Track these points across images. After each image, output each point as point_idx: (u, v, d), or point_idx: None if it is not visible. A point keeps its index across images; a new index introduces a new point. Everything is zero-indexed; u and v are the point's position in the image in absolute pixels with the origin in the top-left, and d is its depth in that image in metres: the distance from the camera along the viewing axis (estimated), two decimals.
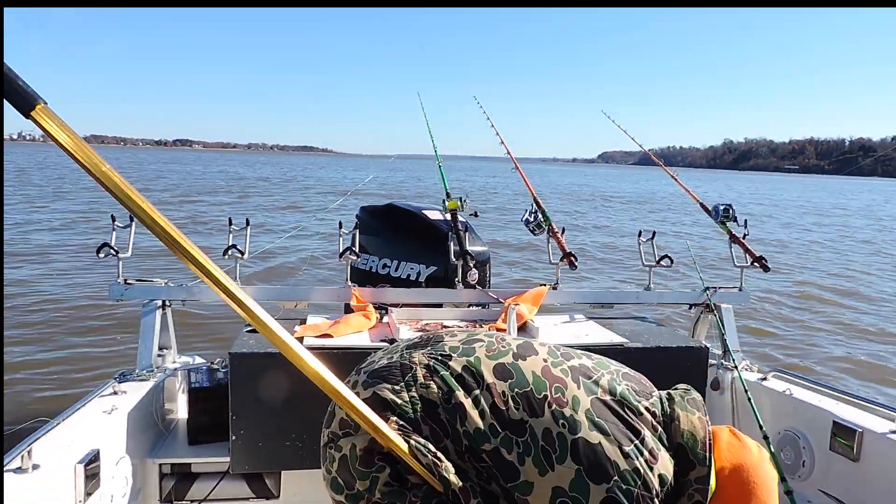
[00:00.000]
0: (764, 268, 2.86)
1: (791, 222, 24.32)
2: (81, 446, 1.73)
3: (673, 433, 1.17)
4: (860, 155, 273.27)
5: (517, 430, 1.12)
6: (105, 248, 2.38)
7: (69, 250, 10.31)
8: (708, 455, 1.16)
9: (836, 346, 7.03)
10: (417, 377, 1.18)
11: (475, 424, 1.12)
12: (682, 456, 1.15)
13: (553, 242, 2.81)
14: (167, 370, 2.45)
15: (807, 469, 2.25)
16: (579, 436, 1.11)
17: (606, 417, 1.14)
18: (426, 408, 1.15)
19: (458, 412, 1.13)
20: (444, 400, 1.15)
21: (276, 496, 2.26)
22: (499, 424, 1.12)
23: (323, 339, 2.16)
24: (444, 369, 1.18)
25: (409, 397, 1.16)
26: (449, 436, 1.14)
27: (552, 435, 1.11)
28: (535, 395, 1.15)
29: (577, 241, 13.70)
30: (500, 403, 1.14)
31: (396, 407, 1.15)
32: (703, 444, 1.16)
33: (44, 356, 5.39)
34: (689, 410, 1.20)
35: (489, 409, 1.13)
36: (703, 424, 1.19)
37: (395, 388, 1.17)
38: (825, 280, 11.19)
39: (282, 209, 19.81)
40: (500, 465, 1.11)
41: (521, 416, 1.13)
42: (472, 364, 1.19)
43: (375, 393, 1.17)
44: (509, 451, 1.11)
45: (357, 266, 2.83)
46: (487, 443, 1.12)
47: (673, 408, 1.20)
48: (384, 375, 1.20)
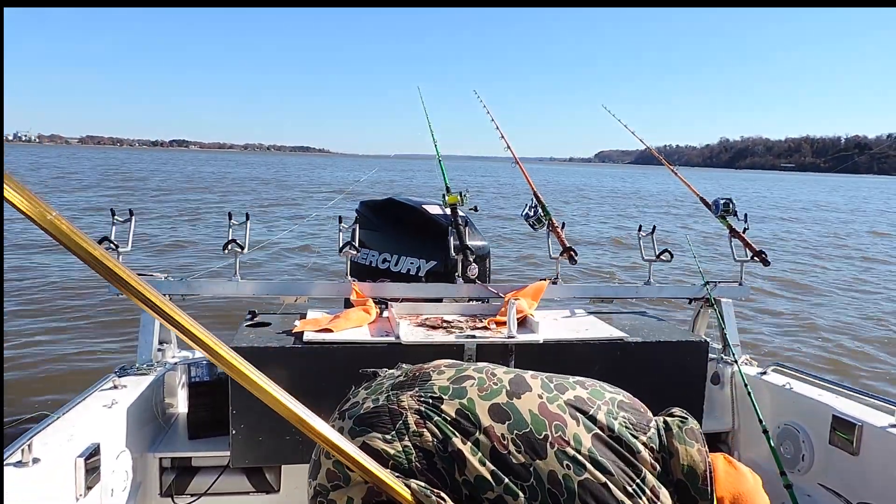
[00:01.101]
0: (764, 262, 2.86)
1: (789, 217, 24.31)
2: (82, 440, 1.74)
3: (672, 469, 1.14)
4: (855, 152, 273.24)
5: (521, 475, 1.07)
6: (105, 241, 2.38)
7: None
8: (710, 489, 1.13)
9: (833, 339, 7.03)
10: (409, 424, 1.11)
11: (476, 472, 1.07)
12: (683, 491, 1.13)
13: (553, 237, 2.81)
14: (167, 364, 2.45)
15: (806, 463, 2.25)
16: (585, 477, 1.07)
17: (607, 456, 1.10)
18: (422, 457, 1.08)
19: (457, 460, 1.08)
20: (439, 448, 1.08)
21: (277, 490, 2.27)
22: (501, 470, 1.07)
23: (323, 333, 2.15)
24: (437, 414, 1.12)
25: (402, 447, 1.08)
26: (448, 486, 1.07)
27: (558, 477, 1.07)
28: (536, 435, 1.10)
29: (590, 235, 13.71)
30: (501, 448, 1.08)
31: (390, 458, 1.07)
32: (704, 479, 1.13)
33: (44, 350, 5.39)
34: (687, 443, 1.16)
35: (489, 455, 1.08)
36: (702, 457, 1.15)
37: (387, 437, 1.09)
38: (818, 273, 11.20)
39: (263, 207, 19.78)
40: None
41: (523, 459, 1.08)
42: (465, 407, 1.13)
43: (366, 443, 1.09)
44: (515, 497, 1.06)
45: (357, 261, 2.82)
46: (491, 491, 1.06)
47: (671, 441, 1.16)
48: (373, 423, 1.12)
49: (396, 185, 33.10)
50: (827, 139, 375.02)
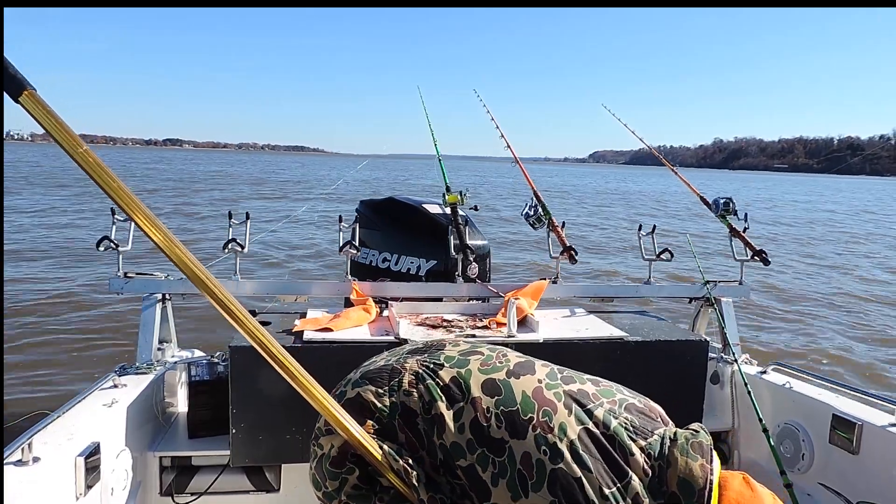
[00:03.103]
0: (764, 261, 2.86)
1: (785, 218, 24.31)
2: (82, 439, 1.74)
3: (668, 479, 1.07)
4: (848, 154, 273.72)
5: (495, 450, 1.08)
6: (105, 241, 2.38)
7: (69, 243, 10.32)
8: (706, 502, 1.05)
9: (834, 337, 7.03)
10: (402, 383, 1.16)
11: (452, 438, 1.09)
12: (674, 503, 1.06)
13: (553, 236, 2.81)
14: (167, 364, 2.45)
15: (806, 462, 2.25)
16: (559, 466, 1.05)
17: (592, 452, 1.07)
18: (405, 415, 1.13)
19: (437, 424, 1.11)
20: (424, 410, 1.12)
21: (277, 489, 2.26)
22: (477, 441, 1.08)
23: (323, 332, 2.15)
24: (432, 378, 1.16)
25: (389, 402, 1.14)
26: (425, 447, 1.11)
27: (531, 460, 1.06)
28: (521, 416, 1.10)
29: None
30: (483, 419, 1.10)
31: (376, 410, 1.14)
32: (700, 496, 1.05)
33: (44, 349, 5.40)
34: (690, 456, 1.09)
35: (469, 425, 1.10)
36: (704, 473, 1.08)
37: (379, 391, 1.16)
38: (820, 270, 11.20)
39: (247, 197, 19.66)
40: (473, 483, 1.07)
41: (501, 435, 1.08)
42: (461, 376, 1.16)
43: (359, 394, 1.16)
44: (484, 469, 1.07)
45: (357, 260, 2.82)
46: (463, 458, 1.08)
47: (672, 451, 1.10)
48: (373, 378, 1.19)
49: (382, 183, 33.11)
50: (820, 140, 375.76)
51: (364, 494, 1.14)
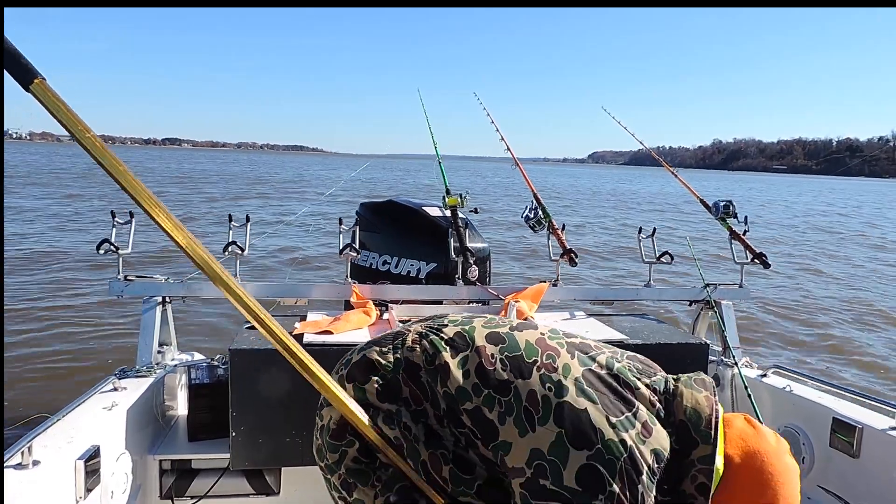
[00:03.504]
0: (764, 264, 2.86)
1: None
2: (82, 442, 1.73)
3: (675, 409, 1.11)
4: (847, 155, 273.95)
5: (501, 390, 1.10)
6: (105, 244, 2.38)
7: (69, 245, 10.32)
8: (713, 433, 1.08)
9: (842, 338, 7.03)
10: (406, 341, 1.21)
11: (457, 383, 1.12)
12: (683, 433, 1.09)
13: (553, 239, 2.81)
14: (167, 367, 2.45)
15: (806, 465, 2.25)
16: (565, 400, 1.07)
17: (597, 387, 1.09)
18: (408, 369, 1.17)
19: (441, 373, 1.14)
20: (427, 362, 1.16)
21: (276, 492, 2.26)
22: (482, 384, 1.11)
23: (323, 335, 2.16)
24: (436, 334, 1.20)
25: (393, 359, 1.19)
26: (428, 399, 1.15)
27: (537, 397, 1.08)
28: (525, 359, 1.13)
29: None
30: (488, 364, 1.13)
31: (380, 367, 1.18)
32: (708, 422, 1.09)
33: (44, 352, 5.39)
34: (695, 388, 1.13)
35: (474, 370, 1.13)
36: (709, 403, 1.12)
37: (383, 349, 1.21)
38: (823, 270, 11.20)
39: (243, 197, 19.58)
40: (480, 425, 1.10)
41: (507, 376, 1.11)
42: (465, 330, 1.20)
43: (364, 355, 1.21)
44: (491, 409, 1.09)
45: (357, 263, 2.82)
46: (469, 401, 1.11)
47: (677, 385, 1.14)
48: (378, 341, 1.25)
49: (381, 183, 33.12)
50: (819, 141, 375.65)
51: (363, 471, 1.16)
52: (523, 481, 1.05)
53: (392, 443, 1.13)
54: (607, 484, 1.00)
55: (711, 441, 1.08)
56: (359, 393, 1.17)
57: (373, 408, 1.16)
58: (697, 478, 1.07)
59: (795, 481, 1.11)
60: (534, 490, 1.03)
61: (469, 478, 1.12)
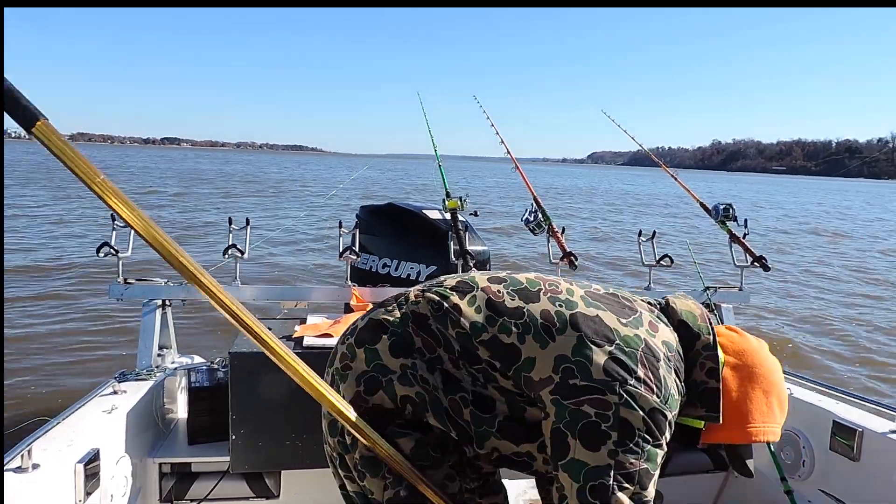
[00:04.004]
0: (764, 267, 2.86)
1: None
2: (81, 446, 1.73)
3: (671, 314, 1.25)
4: (846, 156, 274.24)
5: (515, 315, 1.18)
6: (105, 247, 2.38)
7: (69, 248, 10.32)
8: (709, 325, 1.23)
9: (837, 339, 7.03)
10: (409, 297, 1.26)
11: (470, 319, 1.18)
12: (684, 331, 1.23)
13: (553, 242, 2.81)
14: (167, 370, 2.45)
15: (807, 469, 2.25)
16: (577, 311, 1.17)
17: (601, 299, 1.21)
18: (417, 320, 1.21)
19: (450, 315, 1.19)
20: (433, 310, 1.21)
21: (276, 496, 2.26)
22: (495, 314, 1.18)
23: (323, 338, 2.15)
24: (437, 287, 1.26)
25: (399, 314, 1.23)
26: (441, 345, 1.19)
27: (550, 313, 1.17)
28: (530, 288, 1.22)
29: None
30: (496, 297, 1.21)
31: (389, 325, 1.22)
32: (702, 317, 1.25)
33: (44, 355, 5.38)
34: (682, 299, 1.29)
35: (485, 304, 1.20)
36: (697, 306, 1.27)
37: (388, 308, 1.25)
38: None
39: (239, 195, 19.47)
40: (499, 352, 1.16)
41: (517, 304, 1.19)
42: (466, 278, 1.28)
43: (370, 319, 1.25)
44: (508, 334, 1.16)
45: (357, 266, 2.82)
46: (485, 333, 1.17)
47: (667, 298, 1.29)
48: (379, 304, 1.30)
49: (379, 184, 33.13)
50: (818, 143, 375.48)
51: (375, 462, 1.19)
52: (553, 388, 1.12)
53: (414, 401, 1.16)
54: (632, 370, 1.11)
55: (709, 332, 1.23)
56: (371, 354, 1.20)
57: (388, 373, 1.18)
58: (706, 364, 1.21)
59: (780, 371, 1.30)
60: (565, 392, 1.11)
61: (489, 416, 1.17)
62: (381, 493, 1.19)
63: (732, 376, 1.22)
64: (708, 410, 1.20)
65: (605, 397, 1.09)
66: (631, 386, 1.09)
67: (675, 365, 1.17)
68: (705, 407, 1.20)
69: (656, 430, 1.10)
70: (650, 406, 1.10)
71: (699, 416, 1.21)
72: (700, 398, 1.20)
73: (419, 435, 1.18)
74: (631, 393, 1.09)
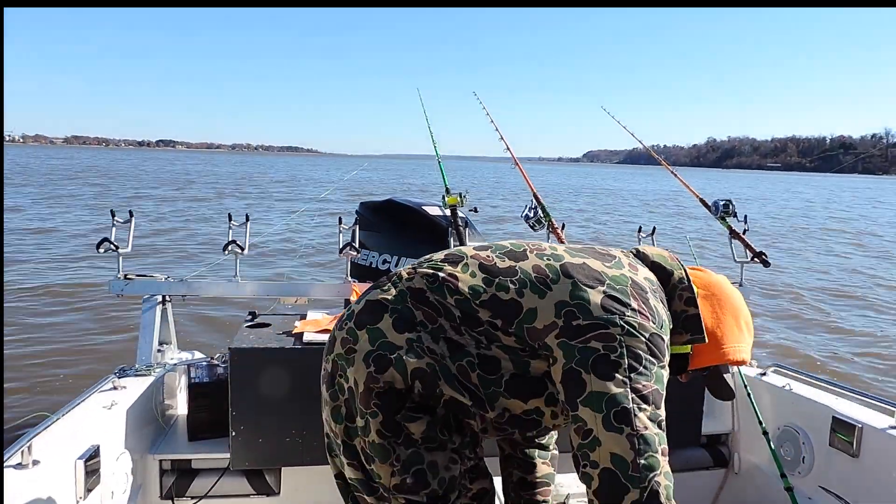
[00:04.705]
0: (764, 263, 2.85)
1: None
2: (81, 442, 1.73)
3: (643, 258, 1.38)
4: (840, 153, 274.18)
5: (509, 273, 1.26)
6: (105, 243, 2.37)
7: (69, 244, 10.31)
8: (680, 263, 1.38)
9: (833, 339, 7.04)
10: (402, 276, 1.31)
11: (468, 283, 1.25)
12: (658, 269, 1.36)
13: (553, 238, 2.81)
14: (167, 365, 2.45)
15: (806, 465, 2.25)
16: (565, 261, 1.28)
17: (582, 251, 1.33)
18: (414, 295, 1.26)
19: (447, 283, 1.25)
20: (429, 282, 1.27)
21: (277, 492, 2.26)
22: (490, 275, 1.26)
23: (323, 334, 2.15)
24: (427, 262, 1.33)
25: (396, 291, 1.28)
26: (441, 314, 1.23)
27: (541, 267, 1.27)
28: (516, 249, 1.32)
29: None
30: (487, 261, 1.29)
31: (388, 303, 1.26)
32: (672, 258, 1.40)
33: (44, 351, 5.38)
34: (651, 245, 1.48)
35: (478, 268, 1.28)
36: (666, 251, 1.43)
37: (383, 289, 1.30)
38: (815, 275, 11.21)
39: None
40: (500, 309, 1.22)
41: (508, 264, 1.28)
42: (453, 250, 1.34)
43: (367, 300, 1.30)
44: (507, 291, 1.23)
45: (357, 262, 2.82)
46: (484, 294, 1.23)
47: (637, 248, 1.42)
48: (372, 286, 1.35)
49: (375, 184, 33.07)
50: (812, 139, 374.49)
51: (385, 447, 1.20)
52: (558, 332, 1.20)
53: (425, 372, 1.19)
54: (627, 304, 1.22)
55: (681, 268, 1.37)
56: (374, 334, 1.23)
57: (395, 349, 1.20)
58: (683, 295, 1.34)
59: (743, 299, 1.43)
60: (570, 333, 1.19)
61: (495, 377, 1.22)
62: (388, 478, 1.21)
63: (704, 305, 1.35)
64: (693, 334, 1.33)
65: (608, 330, 1.18)
66: (629, 317, 1.20)
67: (661, 296, 1.30)
68: (689, 331, 1.33)
69: (658, 353, 1.21)
70: (650, 332, 1.21)
71: (685, 342, 1.33)
72: (684, 325, 1.33)
73: (429, 417, 1.21)
74: (630, 323, 1.20)
